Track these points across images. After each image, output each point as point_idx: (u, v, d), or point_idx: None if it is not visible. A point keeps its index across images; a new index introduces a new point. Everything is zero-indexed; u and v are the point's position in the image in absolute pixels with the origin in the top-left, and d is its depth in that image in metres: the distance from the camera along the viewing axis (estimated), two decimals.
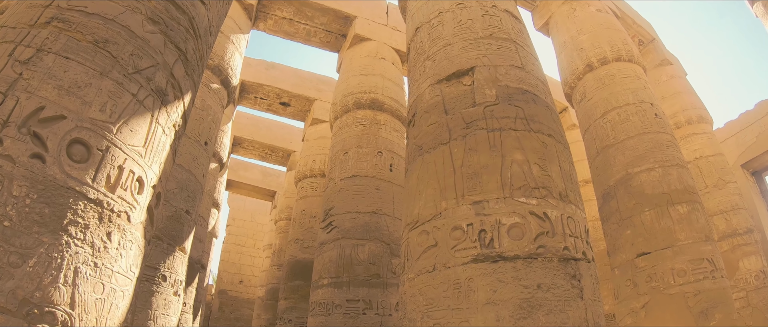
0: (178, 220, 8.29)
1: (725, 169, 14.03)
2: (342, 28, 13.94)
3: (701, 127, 14.62)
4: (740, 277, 12.56)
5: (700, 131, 14.54)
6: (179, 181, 8.51)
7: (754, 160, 17.45)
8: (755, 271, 12.45)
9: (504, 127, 5.64)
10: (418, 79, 7.06)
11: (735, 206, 13.39)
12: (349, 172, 10.62)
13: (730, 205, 13.41)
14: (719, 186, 13.68)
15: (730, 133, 18.49)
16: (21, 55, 3.51)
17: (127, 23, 4.11)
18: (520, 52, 6.84)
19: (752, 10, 10.71)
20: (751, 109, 18.19)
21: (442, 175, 5.53)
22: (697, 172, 13.91)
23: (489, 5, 7.55)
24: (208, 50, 5.54)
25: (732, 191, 13.62)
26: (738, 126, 18.36)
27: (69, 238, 3.11)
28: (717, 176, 13.79)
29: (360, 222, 9.84)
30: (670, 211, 8.88)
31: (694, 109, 14.84)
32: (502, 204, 4.93)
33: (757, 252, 12.73)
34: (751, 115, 18.04)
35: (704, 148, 14.22)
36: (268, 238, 23.53)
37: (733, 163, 17.30)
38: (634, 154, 9.77)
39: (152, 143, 4.03)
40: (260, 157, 20.55)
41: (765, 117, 17.40)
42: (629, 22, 14.93)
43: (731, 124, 18.71)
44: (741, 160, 17.61)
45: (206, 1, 5.32)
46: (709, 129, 14.90)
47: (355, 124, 11.46)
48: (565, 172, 5.48)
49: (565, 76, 12.21)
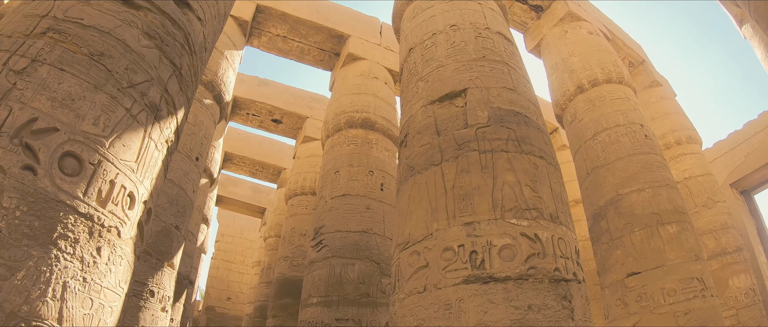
0: (167, 236, 8.23)
1: (714, 188, 14.17)
2: (335, 47, 14.01)
3: (690, 148, 14.77)
4: (730, 296, 12.65)
5: (689, 151, 14.69)
6: (170, 196, 8.46)
7: (742, 179, 17.61)
8: (745, 289, 12.55)
9: (495, 149, 5.67)
10: (411, 100, 7.09)
11: (724, 225, 13.50)
12: (340, 190, 10.60)
13: (720, 224, 13.53)
14: (708, 205, 13.80)
15: (719, 152, 18.66)
16: (15, 65, 3.49)
17: (123, 37, 4.12)
18: (513, 75, 6.90)
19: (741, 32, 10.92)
20: (739, 129, 18.37)
21: (433, 195, 5.54)
22: (687, 192, 14.02)
23: (482, 27, 7.63)
24: (202, 66, 5.55)
25: (721, 210, 13.73)
26: (727, 146, 18.54)
27: (58, 251, 3.08)
28: (706, 196, 13.91)
29: (350, 241, 9.81)
30: (660, 231, 8.95)
31: (684, 130, 15.00)
32: (494, 225, 4.95)
33: (746, 270, 12.84)
34: (739, 135, 18.23)
35: (693, 168, 14.35)
36: (257, 254, 23.39)
37: (722, 183, 17.45)
38: (624, 174, 9.85)
39: (145, 158, 4.01)
40: (251, 173, 20.49)
41: (754, 137, 17.58)
42: (620, 44, 15.13)
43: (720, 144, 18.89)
44: (730, 180, 17.75)
45: (202, 17, 5.34)
46: (699, 149, 15.05)
47: (346, 143, 11.47)
48: (556, 194, 5.51)
49: (556, 97, 12.32)
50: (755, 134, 17.56)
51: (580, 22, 13.19)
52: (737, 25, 11.01)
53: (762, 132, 17.35)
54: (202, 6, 5.34)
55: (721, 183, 17.28)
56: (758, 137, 17.40)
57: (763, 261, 15.76)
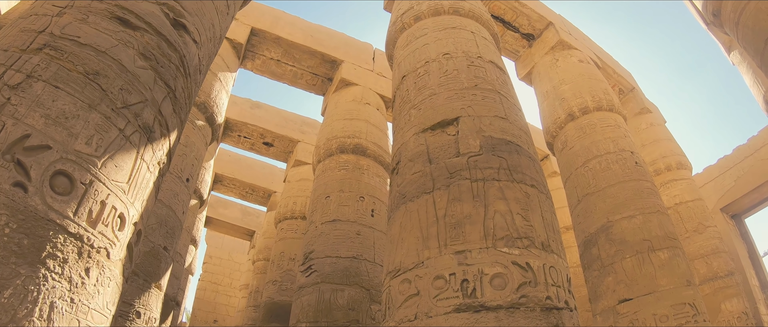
0: (155, 257, 8.15)
1: (705, 213, 14.26)
2: (328, 72, 14.09)
3: (681, 173, 14.90)
4: (723, 320, 12.67)
5: (679, 177, 14.81)
6: (159, 217, 8.40)
7: (733, 203, 17.74)
8: (737, 313, 12.57)
9: (487, 178, 5.69)
10: (403, 127, 7.12)
11: (715, 250, 13.57)
12: (330, 216, 10.56)
13: (711, 248, 13.60)
14: (699, 230, 13.88)
15: (709, 177, 18.83)
16: (10, 80, 3.47)
17: (119, 57, 4.12)
18: (504, 103, 6.96)
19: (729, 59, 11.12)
20: (729, 154, 18.57)
21: (425, 223, 5.54)
22: (678, 218, 14.11)
23: (474, 56, 7.72)
24: (196, 88, 5.56)
25: (712, 235, 13.81)
26: (717, 171, 18.71)
27: (47, 271, 3.04)
28: (697, 221, 13.99)
29: (340, 267, 9.74)
30: (652, 257, 8.97)
31: (674, 156, 15.15)
32: (485, 254, 4.94)
33: (738, 294, 12.89)
34: (729, 160, 18.41)
35: (684, 194, 14.47)
36: (245, 277, 23.16)
37: (712, 208, 17.57)
38: (614, 201, 9.90)
39: (136, 180, 3.99)
40: (241, 195, 20.39)
41: (743, 161, 17.76)
42: (610, 71, 15.34)
43: (710, 169, 19.06)
44: (720, 204, 17.88)
45: (198, 40, 5.37)
46: (689, 175, 15.19)
47: (337, 168, 11.46)
48: (548, 222, 5.52)
49: (547, 124, 12.42)
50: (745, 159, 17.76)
51: (571, 50, 13.38)
52: (725, 51, 11.23)
53: (751, 156, 17.56)
54: (198, 29, 5.37)
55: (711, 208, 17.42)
56: (748, 162, 17.60)
57: (755, 284, 15.84)
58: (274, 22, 13.29)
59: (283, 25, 13.38)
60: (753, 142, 17.82)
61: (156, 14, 4.71)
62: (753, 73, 10.43)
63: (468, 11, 9.03)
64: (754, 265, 16.75)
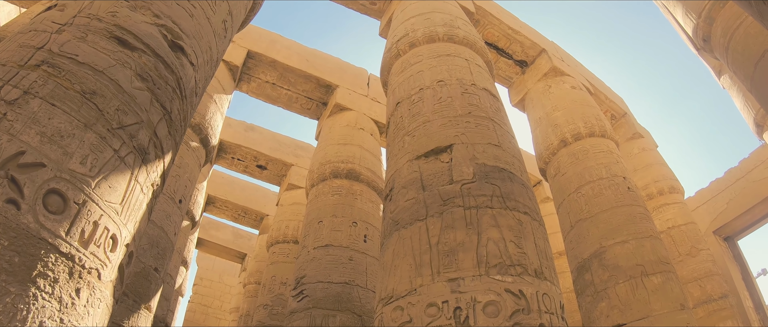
0: (145, 278, 8.07)
1: (698, 236, 14.30)
2: (323, 97, 14.15)
3: (673, 197, 14.98)
4: None
5: (672, 201, 14.88)
6: (150, 238, 8.35)
7: (725, 226, 17.78)
8: None
9: (480, 205, 5.71)
10: (397, 154, 7.14)
11: (709, 273, 13.59)
12: (323, 240, 10.52)
13: (704, 271, 13.62)
14: (692, 254, 13.90)
15: (701, 201, 18.90)
16: (7, 95, 3.47)
17: (116, 77, 4.13)
18: (498, 130, 7.00)
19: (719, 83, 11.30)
20: (721, 177, 18.67)
21: (418, 251, 5.54)
22: (671, 242, 14.14)
23: (468, 83, 7.79)
24: (192, 111, 5.57)
25: (705, 258, 13.84)
26: (709, 194, 18.79)
27: (37, 290, 3.00)
28: (690, 244, 14.02)
29: (332, 292, 9.68)
30: (645, 281, 8.99)
31: (666, 180, 15.23)
32: (478, 281, 4.94)
33: (733, 316, 12.89)
34: (721, 183, 18.51)
35: (676, 218, 14.52)
36: (236, 301, 22.95)
37: (705, 230, 17.60)
38: (607, 227, 9.93)
39: (129, 201, 3.97)
40: (233, 218, 20.29)
41: (735, 184, 17.86)
42: (602, 97, 15.49)
43: (702, 192, 19.15)
44: (713, 227, 17.92)
45: (195, 63, 5.39)
46: (681, 198, 15.27)
47: (331, 193, 11.45)
48: (541, 249, 5.53)
49: (540, 150, 12.50)
50: (736, 181, 17.86)
51: (564, 76, 13.53)
52: (716, 76, 11.42)
53: (743, 179, 17.67)
54: (195, 51, 5.40)
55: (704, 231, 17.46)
56: (739, 184, 17.70)
57: (749, 306, 15.80)
58: (270, 46, 13.39)
59: (280, 49, 13.48)
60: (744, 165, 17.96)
61: (154, 35, 4.74)
62: (743, 96, 10.60)
63: (462, 38, 9.14)
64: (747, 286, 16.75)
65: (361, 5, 12.45)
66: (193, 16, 5.42)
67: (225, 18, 6.25)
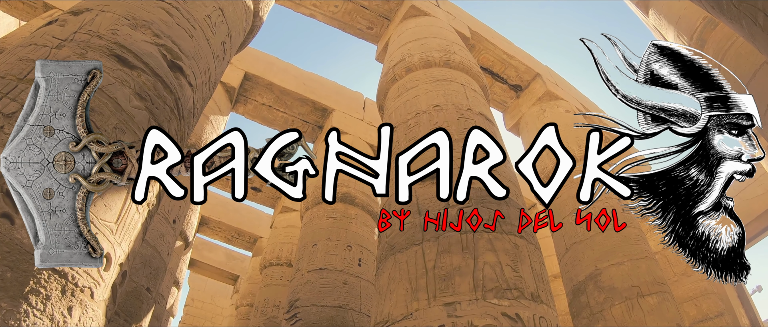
0: (137, 298, 8.00)
1: None
2: (319, 120, 14.18)
3: None
4: None
5: None
6: (143, 257, 8.29)
7: None
8: None
9: (476, 229, 5.70)
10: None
11: (704, 292, 13.62)
12: (317, 264, 10.44)
13: (700, 291, 13.65)
14: (687, 273, 13.91)
15: None
16: (5, 108, 3.46)
17: (115, 95, 4.13)
18: None
19: None
20: None
21: (414, 275, 5.52)
22: (666, 262, 14.10)
23: (464, 108, 7.83)
24: (189, 131, 5.57)
25: (700, 277, 13.76)
26: None
27: (28, 307, 2.96)
28: (685, 264, 13.91)
29: (326, 316, 9.58)
30: (641, 303, 8.95)
31: None
32: (475, 305, 4.91)
33: None
34: None
35: None
36: (228, 322, 22.69)
37: None
38: (602, 249, 9.92)
39: (125, 220, 3.94)
40: (226, 239, 20.18)
41: None
42: (596, 121, 15.54)
43: None
44: None
45: (193, 83, 5.41)
46: None
47: (325, 217, 11.40)
48: (537, 273, 5.52)
49: None
50: None
51: (558, 100, 13.59)
52: None
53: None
54: (194, 72, 5.42)
55: None
56: None
57: (745, 323, 15.72)
58: (267, 68, 13.44)
59: (276, 72, 13.54)
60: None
61: (154, 55, 4.76)
62: None
63: (458, 63, 9.20)
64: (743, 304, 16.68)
65: (358, 30, 12.55)
66: (192, 36, 5.45)
67: (224, 40, 6.29)
